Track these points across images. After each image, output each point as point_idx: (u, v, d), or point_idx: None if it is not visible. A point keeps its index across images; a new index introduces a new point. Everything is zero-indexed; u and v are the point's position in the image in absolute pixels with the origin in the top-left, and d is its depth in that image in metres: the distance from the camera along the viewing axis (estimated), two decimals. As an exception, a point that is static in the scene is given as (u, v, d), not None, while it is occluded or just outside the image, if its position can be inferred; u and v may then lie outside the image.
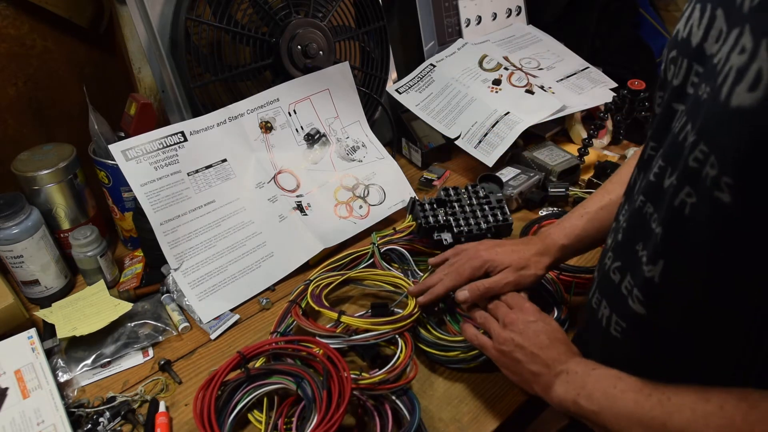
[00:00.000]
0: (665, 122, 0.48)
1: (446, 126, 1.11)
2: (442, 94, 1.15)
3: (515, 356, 0.60)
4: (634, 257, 0.51)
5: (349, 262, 0.86)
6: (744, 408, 0.40)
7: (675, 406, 0.44)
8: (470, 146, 1.08)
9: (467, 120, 1.11)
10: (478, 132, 1.09)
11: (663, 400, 0.45)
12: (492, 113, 1.10)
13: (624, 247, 0.53)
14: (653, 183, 0.48)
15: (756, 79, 0.35)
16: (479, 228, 0.84)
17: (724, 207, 0.39)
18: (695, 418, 0.42)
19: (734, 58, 0.38)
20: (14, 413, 0.64)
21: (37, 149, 0.86)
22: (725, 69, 0.38)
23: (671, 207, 0.44)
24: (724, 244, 0.41)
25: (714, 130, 0.39)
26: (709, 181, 0.40)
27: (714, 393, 0.43)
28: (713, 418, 0.41)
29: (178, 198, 0.83)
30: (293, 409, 0.62)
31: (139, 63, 0.93)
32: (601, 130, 1.14)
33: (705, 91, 0.41)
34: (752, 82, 0.36)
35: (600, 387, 0.51)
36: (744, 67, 0.36)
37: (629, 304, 0.51)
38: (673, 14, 1.57)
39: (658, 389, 0.46)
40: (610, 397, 0.49)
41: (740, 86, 0.37)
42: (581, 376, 0.54)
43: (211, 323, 0.80)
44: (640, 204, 0.50)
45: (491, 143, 1.06)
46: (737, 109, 0.37)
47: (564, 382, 0.55)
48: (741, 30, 0.38)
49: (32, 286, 0.83)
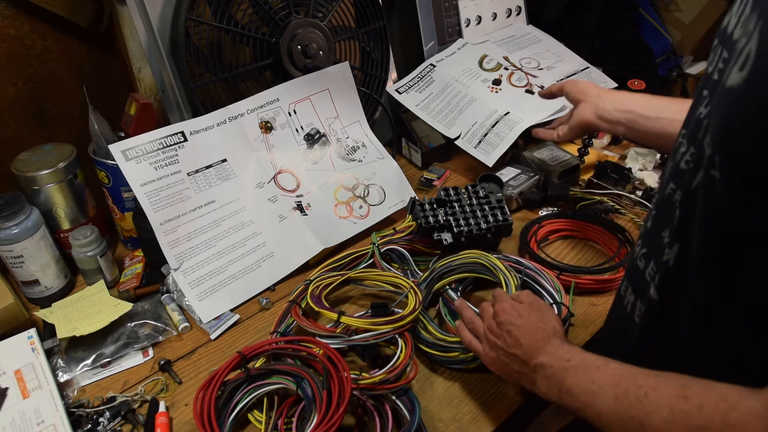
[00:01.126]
0: (694, 108, 0.48)
1: (446, 126, 1.11)
2: (442, 94, 1.15)
3: (502, 360, 0.60)
4: (659, 243, 0.51)
5: (349, 262, 0.86)
6: (723, 408, 0.39)
7: (653, 405, 0.43)
8: (470, 146, 1.08)
9: (467, 120, 1.11)
10: (478, 132, 1.09)
11: (640, 397, 0.44)
12: (492, 113, 1.10)
13: (651, 234, 0.53)
14: (678, 167, 0.48)
15: (745, 59, 0.37)
16: (479, 228, 0.84)
17: (716, 185, 0.40)
18: (673, 418, 0.41)
19: (742, 42, 0.39)
20: (14, 413, 0.64)
21: (37, 149, 0.86)
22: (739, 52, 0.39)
23: (688, 190, 0.45)
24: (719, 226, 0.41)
25: (714, 110, 0.41)
26: (706, 160, 0.41)
27: (693, 390, 0.42)
28: (692, 418, 0.40)
29: (178, 198, 0.83)
30: (293, 409, 0.62)
31: (139, 63, 0.93)
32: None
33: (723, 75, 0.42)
34: (743, 63, 0.37)
35: (579, 383, 0.50)
36: (742, 48, 0.38)
37: (649, 292, 0.51)
38: (673, 14, 1.57)
39: (635, 382, 0.45)
40: (590, 394, 0.48)
41: (735, 67, 0.38)
42: (557, 370, 0.53)
43: (211, 323, 0.80)
44: (669, 191, 0.50)
45: (491, 143, 1.06)
46: (729, 88, 0.38)
47: (543, 378, 0.54)
48: (754, 13, 0.38)
49: (32, 286, 0.83)
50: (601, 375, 0.49)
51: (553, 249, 0.92)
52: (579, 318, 0.79)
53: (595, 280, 0.83)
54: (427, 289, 0.79)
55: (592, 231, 0.93)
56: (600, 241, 0.92)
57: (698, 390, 0.41)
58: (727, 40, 0.44)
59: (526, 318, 0.60)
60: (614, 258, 0.88)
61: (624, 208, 0.98)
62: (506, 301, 0.63)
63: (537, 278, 0.79)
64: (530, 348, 0.57)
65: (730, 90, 0.38)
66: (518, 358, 0.58)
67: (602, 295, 0.83)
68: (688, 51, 1.57)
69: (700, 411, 0.40)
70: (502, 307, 0.62)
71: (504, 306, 0.62)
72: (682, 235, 0.46)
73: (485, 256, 0.79)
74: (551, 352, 0.55)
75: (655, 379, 0.44)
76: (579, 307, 0.81)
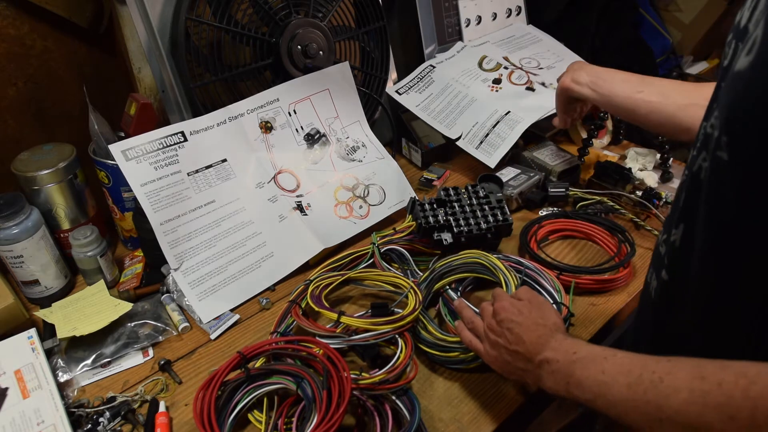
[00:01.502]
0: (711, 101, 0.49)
1: (447, 127, 1.11)
2: (442, 95, 1.15)
3: (504, 358, 0.60)
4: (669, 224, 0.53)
5: (349, 262, 0.86)
6: (743, 384, 0.38)
7: (670, 387, 0.43)
8: (471, 147, 1.08)
9: (468, 120, 1.11)
10: (479, 133, 1.08)
11: (655, 382, 0.44)
12: (493, 113, 1.10)
13: (669, 220, 0.55)
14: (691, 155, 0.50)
15: (752, 44, 0.38)
16: (479, 228, 0.84)
17: (724, 165, 0.40)
18: (693, 398, 0.41)
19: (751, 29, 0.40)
20: (14, 413, 0.64)
21: (37, 149, 0.86)
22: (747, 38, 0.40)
23: (691, 172, 0.46)
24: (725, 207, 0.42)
25: (722, 95, 0.42)
26: (713, 142, 0.42)
27: (709, 369, 0.41)
28: (711, 397, 0.40)
29: (178, 198, 0.83)
30: (293, 409, 0.62)
31: (139, 63, 0.93)
32: (601, 130, 1.14)
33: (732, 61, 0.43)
34: (749, 47, 0.38)
35: (588, 374, 0.50)
36: (750, 34, 0.39)
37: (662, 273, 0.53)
38: (673, 14, 1.57)
39: (648, 368, 0.45)
40: (601, 384, 0.48)
41: (743, 52, 0.39)
42: (564, 364, 0.53)
43: (211, 323, 0.80)
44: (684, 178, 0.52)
45: (493, 144, 1.06)
46: (737, 72, 0.39)
47: (549, 373, 0.54)
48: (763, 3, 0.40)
49: (32, 286, 0.83)
50: (609, 365, 0.48)
51: (553, 249, 0.92)
52: (579, 318, 0.79)
53: (595, 280, 0.83)
54: (427, 289, 0.79)
55: (592, 231, 0.93)
56: (600, 241, 0.92)
57: (714, 369, 0.41)
58: (740, 32, 0.45)
59: (526, 315, 0.60)
60: (614, 258, 0.88)
61: (624, 208, 0.98)
62: (505, 300, 0.63)
63: (537, 278, 0.79)
64: (533, 344, 0.57)
65: (738, 74, 0.39)
66: (521, 355, 0.58)
67: (602, 295, 0.83)
68: (688, 51, 1.58)
69: (720, 388, 0.39)
70: (502, 305, 0.62)
71: (503, 304, 0.62)
72: (686, 215, 0.48)
73: (485, 256, 0.79)
74: (556, 347, 0.55)
75: (667, 364, 0.44)
76: (579, 307, 0.81)
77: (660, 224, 0.95)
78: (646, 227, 0.95)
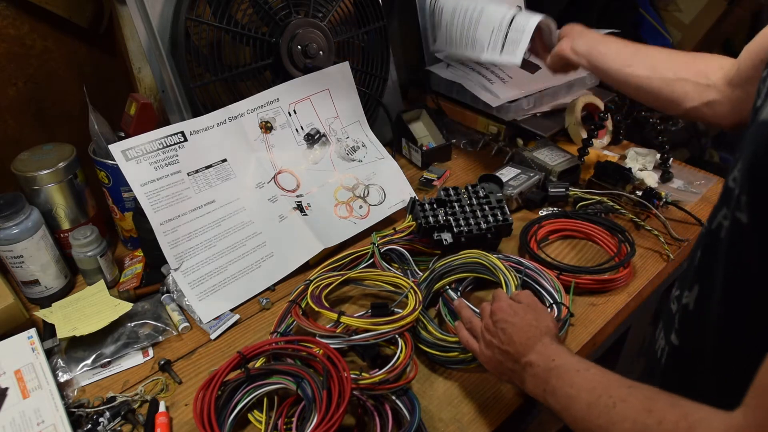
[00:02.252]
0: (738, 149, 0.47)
1: (471, 47, 1.09)
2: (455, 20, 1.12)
3: (497, 358, 0.60)
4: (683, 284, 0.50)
5: (349, 262, 0.86)
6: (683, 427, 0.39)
7: (619, 416, 0.43)
8: (496, 54, 1.04)
9: (486, 30, 1.07)
10: (499, 36, 1.04)
11: (609, 407, 0.44)
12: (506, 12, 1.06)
13: (684, 277, 0.53)
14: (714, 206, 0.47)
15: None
16: (479, 228, 0.84)
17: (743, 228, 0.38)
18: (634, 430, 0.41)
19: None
20: (14, 413, 0.64)
21: (37, 149, 0.86)
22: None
23: (710, 228, 0.44)
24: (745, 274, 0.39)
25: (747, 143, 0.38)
26: (734, 201, 0.39)
27: (660, 404, 0.41)
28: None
29: (178, 198, 0.83)
30: (293, 409, 0.62)
31: (139, 63, 0.93)
32: (601, 130, 1.14)
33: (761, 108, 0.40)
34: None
35: (560, 384, 0.50)
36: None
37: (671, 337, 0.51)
38: (672, 14, 1.57)
39: (607, 391, 0.45)
40: (568, 397, 0.49)
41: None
42: (543, 370, 0.53)
43: (211, 323, 0.80)
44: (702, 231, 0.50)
45: (514, 40, 1.02)
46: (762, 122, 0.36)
47: (531, 376, 0.54)
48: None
49: (32, 286, 0.83)
50: (580, 379, 0.49)
51: (553, 249, 0.92)
52: (579, 318, 0.79)
53: (595, 280, 0.83)
54: (427, 289, 0.79)
55: (592, 231, 0.93)
56: (600, 241, 0.92)
57: (664, 405, 0.41)
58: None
59: (521, 316, 0.60)
60: (614, 258, 0.88)
61: (624, 208, 0.98)
62: (504, 301, 0.63)
63: (537, 278, 0.79)
64: (521, 346, 0.57)
65: (763, 123, 0.36)
66: (510, 356, 0.58)
67: (602, 295, 0.83)
68: (688, 51, 1.57)
69: (659, 426, 0.40)
70: (499, 306, 0.62)
71: (501, 305, 0.62)
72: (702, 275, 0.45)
73: (485, 256, 0.79)
74: (540, 351, 0.55)
75: (626, 390, 0.44)
76: (579, 307, 0.81)
77: (660, 224, 0.95)
78: (646, 227, 0.95)
